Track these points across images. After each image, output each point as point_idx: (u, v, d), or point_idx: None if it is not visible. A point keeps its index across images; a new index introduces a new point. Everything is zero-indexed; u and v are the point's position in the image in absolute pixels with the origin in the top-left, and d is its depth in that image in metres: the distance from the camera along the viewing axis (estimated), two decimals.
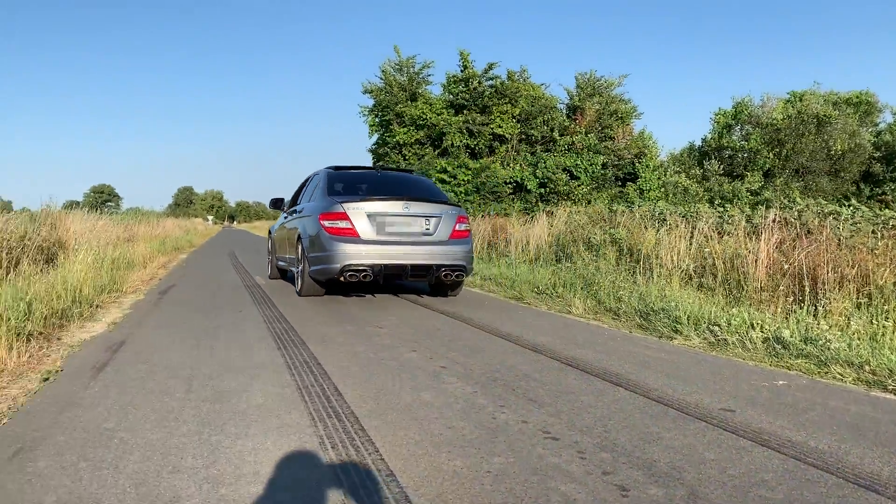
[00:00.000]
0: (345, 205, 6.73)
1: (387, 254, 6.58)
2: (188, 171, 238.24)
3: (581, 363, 4.17)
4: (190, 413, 3.00)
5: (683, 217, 11.09)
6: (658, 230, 9.63)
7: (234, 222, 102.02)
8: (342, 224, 6.66)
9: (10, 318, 4.72)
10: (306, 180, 8.85)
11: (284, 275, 9.60)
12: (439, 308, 6.67)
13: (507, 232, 13.30)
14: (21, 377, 3.75)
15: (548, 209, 19.58)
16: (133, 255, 12.13)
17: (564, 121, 21.52)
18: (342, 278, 6.50)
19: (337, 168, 8.09)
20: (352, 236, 6.61)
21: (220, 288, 8.59)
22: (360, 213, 6.68)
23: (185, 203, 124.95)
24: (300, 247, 7.34)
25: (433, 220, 7.09)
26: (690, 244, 8.84)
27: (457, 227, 7.29)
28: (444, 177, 19.12)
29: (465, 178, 19.05)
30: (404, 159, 20.54)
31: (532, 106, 20.77)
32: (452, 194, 18.96)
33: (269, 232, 10.69)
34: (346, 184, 7.73)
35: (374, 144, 25.12)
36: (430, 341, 4.78)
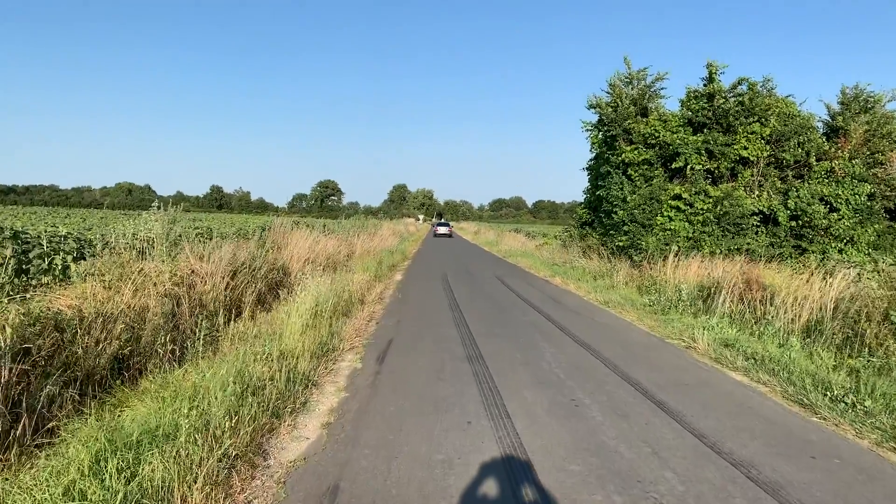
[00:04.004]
0: (436, 227, 61.54)
1: (438, 232, 57.06)
2: (403, 168, 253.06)
3: None
4: None
5: None
6: None
7: (443, 219, 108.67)
8: (434, 226, 66.12)
9: (219, 436, 4.24)
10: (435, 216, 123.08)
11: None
12: (730, 452, 5.20)
13: (763, 287, 11.20)
14: None
15: (804, 251, 16.82)
16: (352, 288, 11.98)
17: (823, 143, 18.26)
18: (434, 235, 56.49)
19: (439, 215, 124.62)
20: (436, 231, 58.05)
21: (441, 358, 7.74)
22: (438, 225, 61.50)
23: (398, 200, 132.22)
24: (432, 228, 69.41)
25: (447, 227, 59.73)
26: None
27: (451, 228, 63.57)
28: (679, 204, 17.06)
29: (704, 207, 16.82)
30: (630, 180, 18.75)
31: (784, 125, 17.89)
32: (687, 224, 16.90)
33: (432, 225, 78.45)
34: (438, 219, 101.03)
35: (591, 161, 23.57)
36: None
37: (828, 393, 6.62)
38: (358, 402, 5.83)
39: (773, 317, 9.99)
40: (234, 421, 4.63)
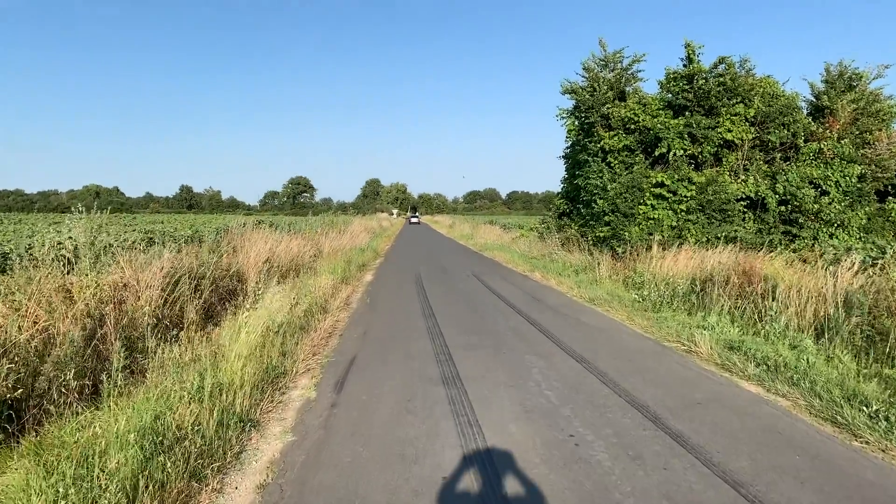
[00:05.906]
0: (411, 217, 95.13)
1: (412, 221, 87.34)
2: (376, 163, 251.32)
3: None
4: None
5: None
6: None
7: (416, 213, 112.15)
8: (409, 217, 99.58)
9: None
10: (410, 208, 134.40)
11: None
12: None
13: (762, 280, 10.26)
14: None
15: (794, 237, 16.00)
16: (315, 293, 10.80)
17: (809, 124, 17.44)
18: (409, 223, 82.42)
19: (413, 209, 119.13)
20: (411, 220, 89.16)
21: (411, 382, 6.62)
22: (412, 217, 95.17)
23: (372, 195, 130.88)
24: (407, 218, 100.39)
25: (419, 218, 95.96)
26: None
27: (421, 218, 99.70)
28: (662, 192, 16.09)
29: (688, 194, 15.89)
30: (609, 168, 17.75)
31: (769, 106, 17.02)
32: (671, 212, 15.96)
33: (408, 217, 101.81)
34: (413, 212, 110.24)
35: (567, 149, 22.57)
36: None
37: (864, 408, 5.65)
38: (306, 450, 4.67)
39: (778, 313, 9.04)
40: (131, 498, 3.47)
